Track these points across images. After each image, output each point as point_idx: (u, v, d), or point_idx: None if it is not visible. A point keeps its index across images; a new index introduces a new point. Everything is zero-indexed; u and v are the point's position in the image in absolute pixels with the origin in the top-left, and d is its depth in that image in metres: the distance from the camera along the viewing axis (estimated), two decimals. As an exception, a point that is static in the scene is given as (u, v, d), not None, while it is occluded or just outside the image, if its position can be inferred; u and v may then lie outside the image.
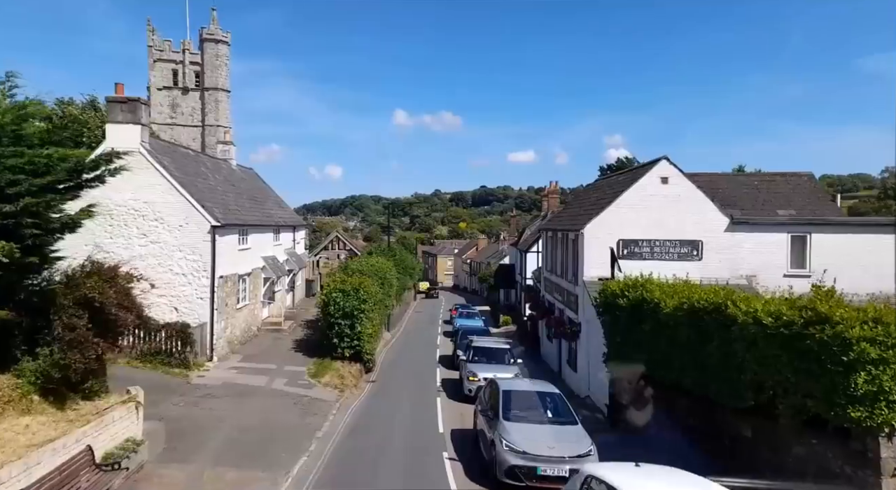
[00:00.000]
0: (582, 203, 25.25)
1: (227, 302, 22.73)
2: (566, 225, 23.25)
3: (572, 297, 21.62)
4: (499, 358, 20.66)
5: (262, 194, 33.38)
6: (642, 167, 20.58)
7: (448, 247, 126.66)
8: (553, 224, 26.86)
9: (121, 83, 20.81)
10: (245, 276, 25.07)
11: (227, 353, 22.63)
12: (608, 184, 22.98)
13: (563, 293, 23.65)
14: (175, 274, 21.35)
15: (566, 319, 23.14)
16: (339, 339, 22.89)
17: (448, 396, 20.59)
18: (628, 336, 13.98)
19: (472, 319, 38.27)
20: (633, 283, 14.06)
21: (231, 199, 26.02)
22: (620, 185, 21.01)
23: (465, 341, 26.89)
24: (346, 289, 23.26)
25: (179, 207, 21.24)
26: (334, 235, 42.27)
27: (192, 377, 19.18)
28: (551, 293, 26.34)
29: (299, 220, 37.18)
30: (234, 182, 29.32)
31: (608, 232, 19.71)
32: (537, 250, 43.98)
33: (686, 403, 12.24)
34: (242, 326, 24.77)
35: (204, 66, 72.66)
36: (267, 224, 28.63)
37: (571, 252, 22.42)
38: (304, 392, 19.04)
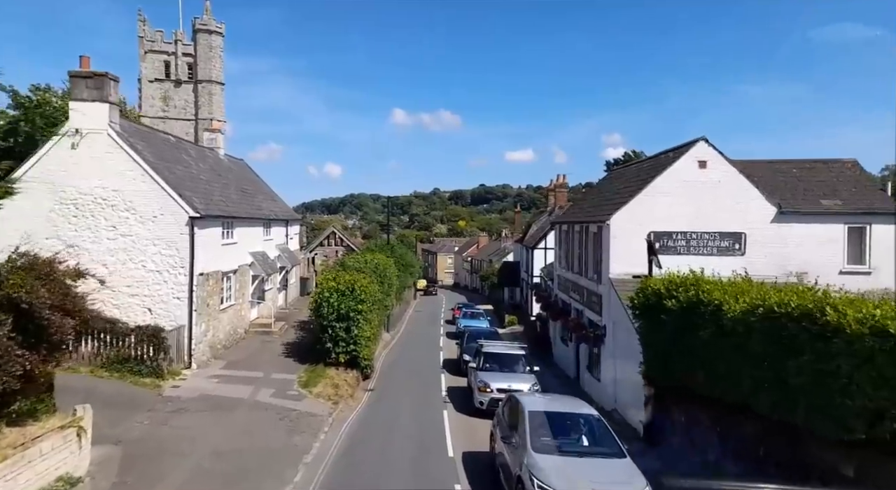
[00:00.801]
0: (602, 193, 22.94)
1: (209, 302, 20.40)
2: (586, 217, 20.94)
3: (594, 296, 19.32)
4: (512, 365, 18.35)
5: (252, 186, 31.04)
6: (676, 150, 18.30)
7: (448, 245, 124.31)
8: (569, 217, 24.57)
9: (86, 56, 18.45)
10: (230, 274, 22.74)
11: (209, 359, 20.29)
12: (635, 170, 20.68)
13: (581, 292, 21.34)
14: (149, 271, 19.03)
15: (585, 321, 20.84)
16: (334, 344, 20.58)
17: (456, 408, 18.27)
18: (677, 344, 11.67)
19: (476, 320, 35.96)
20: (681, 281, 11.74)
21: (216, 190, 23.68)
22: (650, 170, 18.71)
23: (472, 344, 24.62)
24: (341, 288, 20.94)
25: (153, 196, 18.91)
26: (331, 231, 39.90)
27: (165, 388, 16.85)
28: (566, 292, 24.04)
29: (293, 215, 34.86)
30: (220, 172, 26.98)
31: (637, 223, 17.41)
32: (545, 247, 41.79)
33: (757, 428, 9.93)
34: (227, 329, 22.44)
35: (197, 58, 70.20)
36: (256, 217, 26.30)
37: (593, 247, 20.12)
38: (293, 405, 16.72)
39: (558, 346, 26.37)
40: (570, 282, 23.27)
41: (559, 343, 26.31)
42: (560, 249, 26.13)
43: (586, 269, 20.76)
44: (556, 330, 27.33)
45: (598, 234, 19.06)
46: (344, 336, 20.61)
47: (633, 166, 21.95)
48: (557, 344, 26.68)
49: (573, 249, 23.25)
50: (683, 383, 12.03)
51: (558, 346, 26.37)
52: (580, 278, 21.82)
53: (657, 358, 12.77)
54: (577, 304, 22.13)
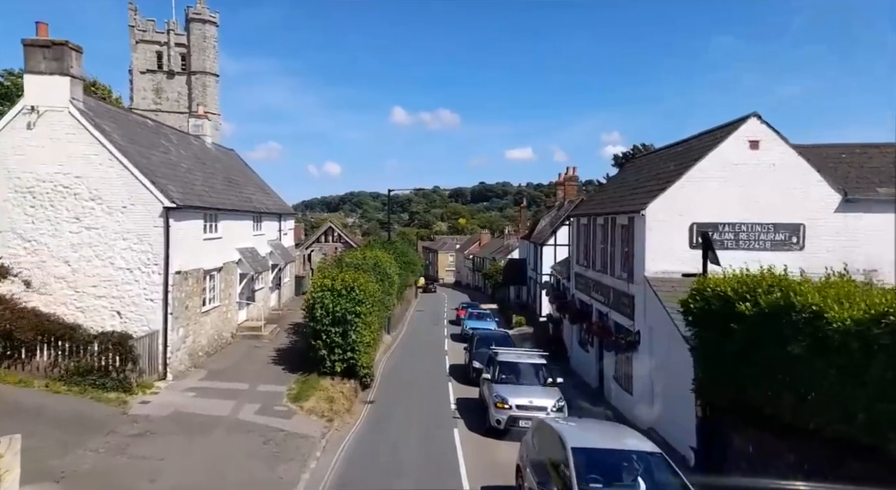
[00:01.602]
0: (626, 183, 20.61)
1: (188, 304, 18.10)
2: (612, 208, 18.62)
3: (623, 298, 17.02)
4: (532, 376, 16.04)
5: (242, 177, 28.71)
6: (722, 129, 15.97)
7: (449, 242, 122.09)
8: (590, 208, 22.25)
9: (43, 23, 16.09)
10: (214, 272, 20.43)
11: (188, 369, 18.00)
12: (671, 155, 18.36)
13: (606, 292, 19.04)
14: (118, 268, 16.73)
15: (611, 325, 18.55)
16: (329, 352, 18.28)
17: (468, 426, 15.98)
18: (751, 358, 9.37)
19: (483, 321, 33.63)
20: (759, 281, 9.42)
21: (198, 179, 21.36)
22: (691, 153, 16.39)
23: (482, 350, 22.33)
24: (337, 287, 18.64)
25: (122, 184, 16.61)
26: (328, 226, 37.59)
27: (132, 404, 14.55)
28: (587, 292, 21.74)
29: (287, 208, 32.55)
30: (205, 160, 24.66)
31: (677, 213, 15.12)
32: (555, 243, 39.51)
33: (881, 470, 7.62)
34: (210, 334, 20.14)
35: (190, 48, 67.82)
36: (245, 210, 23.99)
37: (621, 241, 17.82)
38: (281, 424, 14.42)
39: (576, 351, 24.08)
40: (592, 281, 20.96)
41: (577, 348, 24.02)
42: (578, 245, 23.83)
43: (612, 267, 18.46)
44: (572, 333, 25.05)
45: (628, 226, 16.75)
46: (340, 342, 18.31)
47: (666, 150, 19.58)
48: (574, 348, 24.39)
49: (595, 245, 20.94)
50: (756, 406, 9.72)
51: (576, 351, 24.08)
52: (604, 277, 19.51)
53: (719, 373, 10.46)
54: (601, 306, 19.83)
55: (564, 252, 38.92)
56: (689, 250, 15.05)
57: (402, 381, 21.94)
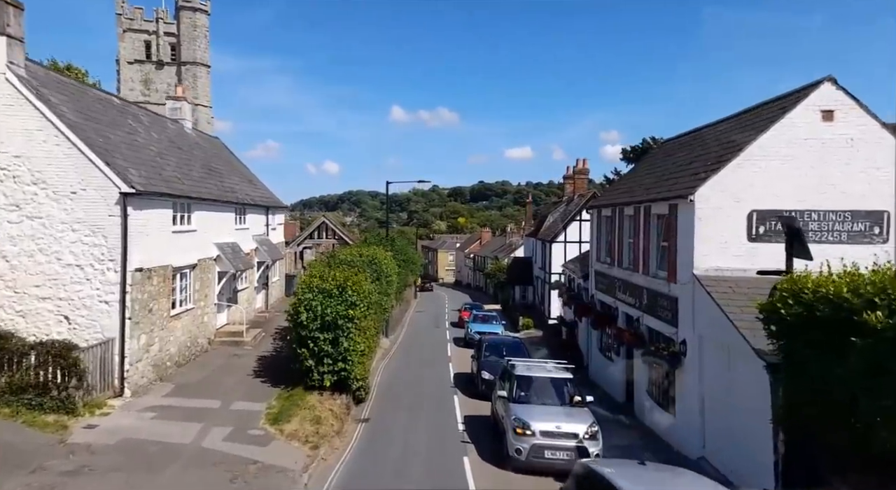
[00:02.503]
0: (659, 168, 18.04)
1: (153, 306, 15.53)
2: (647, 195, 16.06)
3: (662, 299, 14.48)
4: (556, 394, 13.45)
5: (225, 166, 26.12)
6: (789, 97, 13.43)
7: (449, 241, 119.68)
8: (614, 197, 19.69)
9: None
10: (186, 270, 17.86)
11: (151, 383, 15.44)
12: (720, 131, 15.75)
13: (637, 293, 16.50)
14: (66, 265, 14.16)
15: (643, 331, 16.01)
16: (317, 362, 15.72)
17: (480, 454, 13.40)
18: (880, 386, 6.82)
19: (489, 324, 31.06)
20: (891, 281, 6.88)
21: (169, 164, 18.78)
22: (749, 127, 13.82)
23: (491, 358, 19.86)
24: (327, 287, 16.11)
25: (72, 166, 14.05)
26: (321, 221, 35.02)
27: (74, 429, 11.99)
28: (611, 293, 19.20)
29: (276, 201, 29.96)
30: (181, 146, 22.07)
31: (733, 199, 12.59)
32: (565, 240, 37.08)
33: None
34: (182, 340, 17.58)
35: (180, 38, 65.13)
36: (225, 200, 21.40)
37: (658, 233, 15.30)
38: (254, 453, 11.86)
39: (596, 359, 21.54)
40: (618, 280, 18.42)
41: (597, 354, 21.49)
42: (599, 240, 21.29)
43: (646, 264, 15.92)
44: (590, 338, 22.51)
45: (668, 216, 14.20)
46: (330, 351, 15.76)
47: (711, 128, 16.94)
48: (594, 355, 21.85)
49: (621, 239, 18.40)
50: (883, 450, 7.18)
51: (596, 359, 21.54)
52: (633, 275, 16.98)
53: (819, 402, 7.91)
54: (630, 309, 17.29)
55: (575, 249, 36.43)
56: (748, 243, 12.53)
57: (401, 393, 19.38)
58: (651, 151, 21.02)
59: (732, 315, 10.87)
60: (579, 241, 36.66)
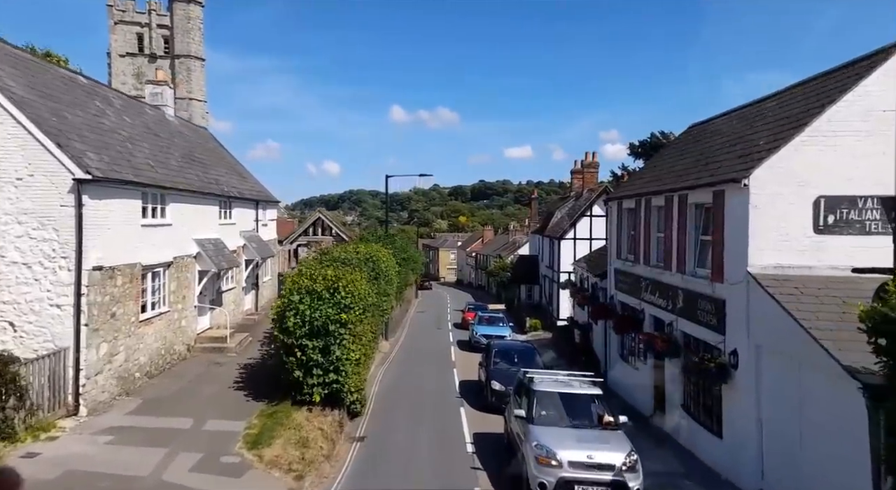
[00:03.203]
0: (692, 152, 15.98)
1: (116, 310, 13.56)
2: (685, 180, 14.01)
3: (704, 302, 12.47)
4: (584, 414, 11.43)
5: (210, 156, 24.13)
6: (861, 61, 11.42)
7: (450, 240, 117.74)
8: (639, 187, 17.66)
9: None
10: (159, 269, 15.89)
11: (115, 398, 13.48)
12: (770, 107, 13.69)
13: (669, 295, 14.51)
14: (10, 263, 12.20)
15: (677, 337, 14.00)
16: (305, 373, 13.75)
17: (496, 486, 11.41)
18: None
19: (496, 326, 29.08)
20: None
21: (142, 151, 16.79)
22: (811, 99, 11.79)
23: (500, 365, 17.98)
24: (317, 288, 14.13)
25: (17, 148, 12.10)
26: (317, 217, 33.05)
27: (9, 459, 10.02)
28: (635, 293, 17.21)
29: (268, 195, 27.96)
30: (159, 132, 20.07)
31: (796, 183, 10.61)
32: (574, 237, 35.08)
33: None
34: (154, 348, 15.60)
35: (174, 30, 63.20)
36: (207, 192, 19.42)
37: (695, 225, 13.32)
38: (226, 487, 9.88)
39: (616, 366, 19.55)
40: (644, 279, 16.43)
41: (617, 361, 19.50)
42: (619, 235, 19.29)
43: (681, 261, 13.92)
44: (609, 342, 20.53)
45: (713, 205, 12.19)
46: (320, 360, 13.79)
47: (756, 105, 14.79)
48: (614, 362, 19.86)
49: (648, 233, 16.42)
50: None
51: (616, 366, 19.55)
52: (664, 274, 14.98)
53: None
54: (659, 312, 15.29)
55: (585, 246, 34.44)
56: (814, 235, 10.54)
57: (401, 405, 17.42)
58: (684, 134, 18.97)
59: (806, 322, 8.87)
60: (590, 238, 34.70)
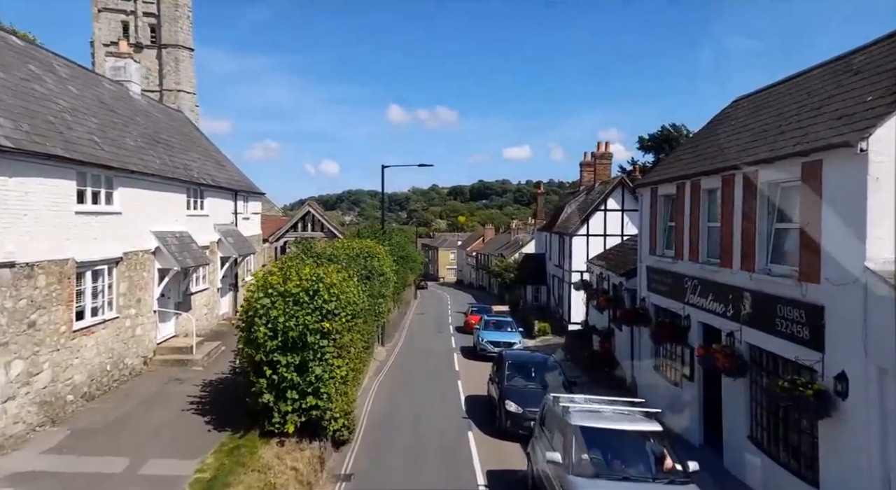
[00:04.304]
0: (757, 121, 13.07)
1: (39, 319, 10.75)
2: (755, 153, 11.12)
3: (789, 308, 9.65)
4: (639, 460, 8.61)
5: (181, 139, 21.28)
6: None
7: (450, 239, 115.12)
8: (682, 167, 14.79)
9: None
10: (103, 266, 13.08)
11: (35, 428, 10.65)
12: (864, 60, 10.83)
13: (732, 298, 11.70)
14: None
15: (742, 351, 11.18)
16: (277, 397, 10.99)
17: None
18: None
19: (504, 332, 26.29)
20: None
21: (87, 125, 13.96)
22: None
23: (516, 381, 15.31)
24: (292, 290, 11.34)
25: None
26: (306, 211, 30.26)
27: None
28: (677, 295, 14.42)
29: (249, 186, 25.11)
30: (117, 109, 17.23)
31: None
32: (587, 233, 32.27)
33: None
34: (96, 363, 12.78)
35: (161, 19, 60.29)
36: (171, 177, 16.60)
37: (767, 210, 10.54)
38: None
39: (649, 381, 16.74)
40: (690, 278, 13.63)
41: (650, 376, 16.70)
42: (653, 228, 16.49)
43: (748, 256, 11.12)
44: (638, 352, 17.75)
45: (802, 182, 9.38)
46: (296, 380, 11.02)
47: (840, 60, 11.81)
48: (645, 376, 17.07)
49: (695, 223, 13.63)
50: None
51: (649, 381, 16.74)
52: (720, 272, 12.19)
53: None
54: (713, 318, 12.50)
55: (599, 243, 31.66)
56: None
57: (398, 429, 14.63)
58: (721, 113, 16.17)
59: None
60: (604, 235, 31.94)
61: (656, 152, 56.23)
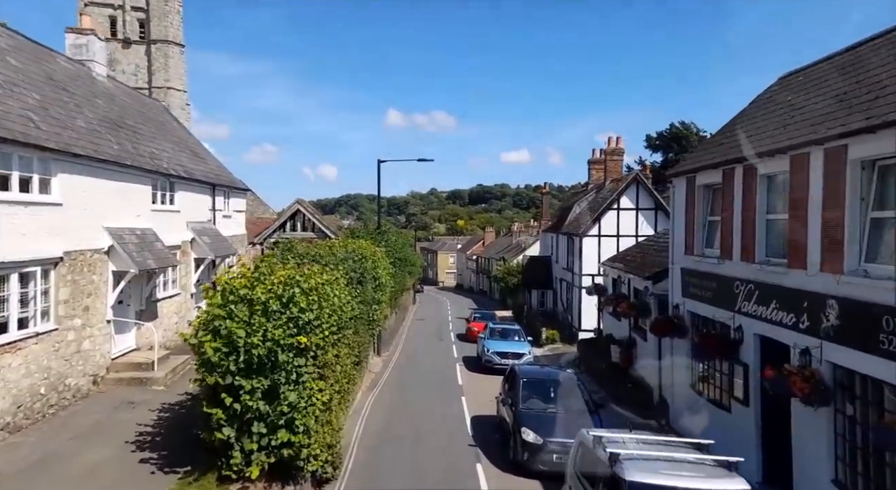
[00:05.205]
0: (826, 91, 10.86)
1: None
2: (848, 122, 8.87)
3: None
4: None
5: (151, 127, 19.00)
6: None
7: (449, 243, 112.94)
8: (728, 151, 12.52)
9: None
10: (33, 268, 10.80)
11: (-75, 476, 8.32)
12: None
13: (806, 306, 9.43)
14: None
15: (819, 374, 8.89)
16: (240, 431, 8.71)
17: None
18: None
19: (512, 341, 23.95)
20: None
21: (25, 100, 11.71)
22: None
23: (533, 403, 13.24)
24: (260, 296, 9.10)
25: None
26: (296, 209, 28.01)
27: None
28: (724, 302, 12.15)
29: (231, 180, 22.83)
30: (71, 88, 14.98)
31: None
32: (599, 233, 30.05)
33: None
34: (25, 386, 10.50)
35: (150, 13, 58.15)
36: (133, 165, 14.32)
37: (860, 195, 8.28)
38: None
39: (684, 400, 14.44)
40: (743, 282, 11.37)
41: (686, 394, 14.40)
42: (689, 223, 14.22)
43: (833, 253, 8.85)
44: (670, 365, 15.46)
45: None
46: (264, 410, 8.72)
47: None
48: (681, 394, 14.77)
49: (749, 216, 11.37)
50: None
51: (684, 400, 14.44)
52: (789, 275, 9.93)
53: None
54: (778, 330, 10.24)
55: (612, 244, 29.42)
56: None
57: (395, 459, 12.33)
58: (769, 89, 13.93)
59: None
60: (617, 235, 29.73)
61: (665, 151, 54.15)
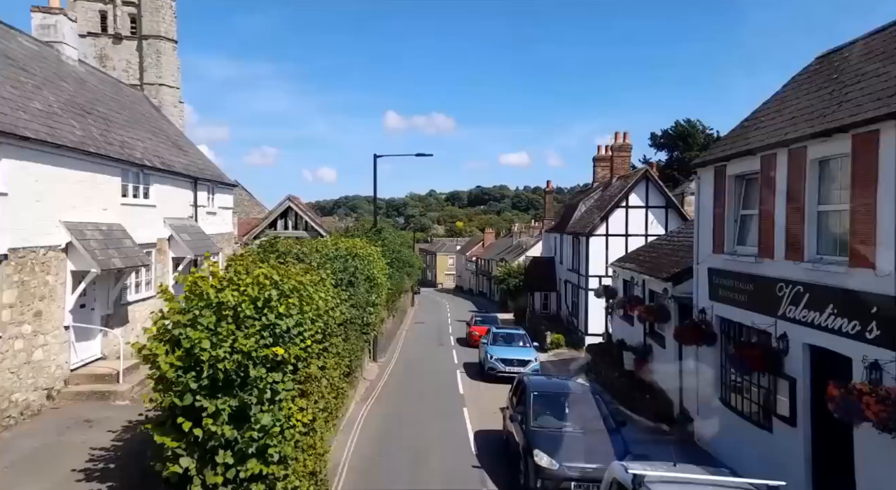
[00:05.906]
0: (876, 64, 9.49)
1: None
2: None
3: None
4: None
5: (128, 115, 17.53)
6: None
7: (448, 244, 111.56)
8: (768, 135, 11.07)
9: None
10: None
11: None
12: None
13: (876, 314, 7.95)
14: None
15: (893, 394, 7.42)
16: (201, 461, 7.18)
17: None
18: None
19: (516, 347, 22.45)
20: None
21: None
22: None
23: (545, 419, 11.86)
24: (229, 300, 7.59)
25: None
26: (286, 207, 26.55)
27: None
28: (765, 308, 10.68)
29: (216, 174, 21.36)
30: (31, 69, 13.50)
31: None
32: (606, 232, 28.61)
33: None
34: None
35: (141, 8, 56.36)
36: (98, 153, 12.83)
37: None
38: None
39: (712, 416, 12.95)
40: (790, 284, 9.91)
41: (715, 408, 12.91)
42: (718, 219, 12.76)
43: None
44: (695, 374, 13.98)
45: None
46: (230, 436, 7.21)
47: None
48: (708, 408, 13.28)
49: (797, 208, 9.92)
50: None
51: (712, 416, 12.95)
52: (852, 275, 8.48)
53: None
54: (835, 340, 8.80)
55: (620, 244, 27.98)
56: None
57: (390, 484, 10.83)
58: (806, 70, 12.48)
59: None
60: (625, 235, 28.29)
61: (670, 150, 52.81)
